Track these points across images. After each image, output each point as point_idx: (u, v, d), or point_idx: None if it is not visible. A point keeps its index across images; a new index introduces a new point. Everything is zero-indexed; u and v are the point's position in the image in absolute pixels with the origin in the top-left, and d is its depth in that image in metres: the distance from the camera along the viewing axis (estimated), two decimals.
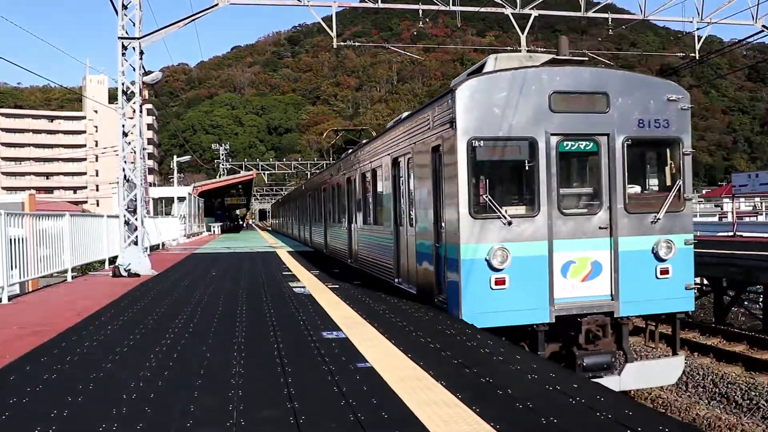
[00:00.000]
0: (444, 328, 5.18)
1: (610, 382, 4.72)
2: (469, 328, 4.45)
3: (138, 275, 10.31)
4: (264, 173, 52.86)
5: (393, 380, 3.66)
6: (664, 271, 4.87)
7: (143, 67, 11.12)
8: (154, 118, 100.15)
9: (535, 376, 3.72)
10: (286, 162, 57.14)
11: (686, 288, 4.99)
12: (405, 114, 6.95)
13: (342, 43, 13.55)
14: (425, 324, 5.48)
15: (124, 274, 10.31)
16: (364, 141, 10.05)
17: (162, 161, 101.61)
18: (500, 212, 4.53)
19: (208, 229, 34.59)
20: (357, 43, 14.68)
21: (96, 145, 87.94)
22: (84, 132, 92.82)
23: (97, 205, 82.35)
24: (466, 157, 4.49)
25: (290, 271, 10.64)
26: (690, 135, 5.05)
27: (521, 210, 4.69)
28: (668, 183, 4.98)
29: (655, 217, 4.87)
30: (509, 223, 4.60)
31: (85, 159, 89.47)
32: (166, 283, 9.20)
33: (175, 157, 38.60)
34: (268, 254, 15.70)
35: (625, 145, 4.73)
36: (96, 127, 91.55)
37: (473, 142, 4.51)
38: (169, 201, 28.94)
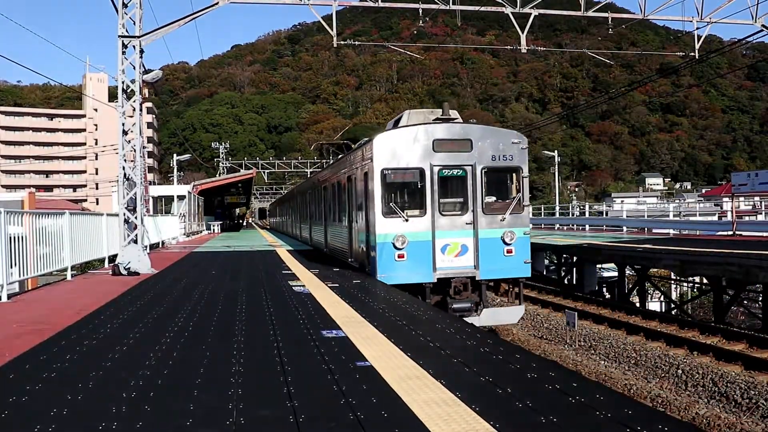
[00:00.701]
0: (444, 327, 5.28)
1: (472, 320, 8.22)
2: (462, 324, 5.50)
3: (137, 274, 10.27)
4: (264, 172, 52.78)
5: (393, 379, 3.69)
6: (509, 251, 8.78)
7: (143, 66, 11.08)
8: (154, 116, 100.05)
9: (534, 375, 3.76)
10: (285, 161, 57.04)
11: (525, 262, 8.84)
12: (354, 146, 11.11)
13: (342, 42, 13.53)
14: (425, 322, 5.52)
15: (124, 272, 10.28)
16: (338, 157, 13.79)
17: (162, 160, 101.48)
18: (401, 213, 8.50)
19: (208, 228, 34.58)
20: (357, 42, 14.64)
21: (96, 144, 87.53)
22: (84, 130, 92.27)
23: (97, 203, 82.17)
24: (380, 180, 8.50)
25: (290, 270, 10.63)
26: (527, 165, 8.85)
27: (416, 212, 8.57)
28: (513, 195, 8.97)
29: (503, 216, 8.78)
30: (407, 220, 8.55)
31: (84, 157, 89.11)
32: (165, 281, 9.17)
33: (174, 155, 38.67)
34: (267, 253, 15.69)
35: (483, 172, 8.71)
36: (96, 125, 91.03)
37: (384, 171, 8.50)
38: (169, 199, 28.93)
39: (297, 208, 22.67)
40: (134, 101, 10.98)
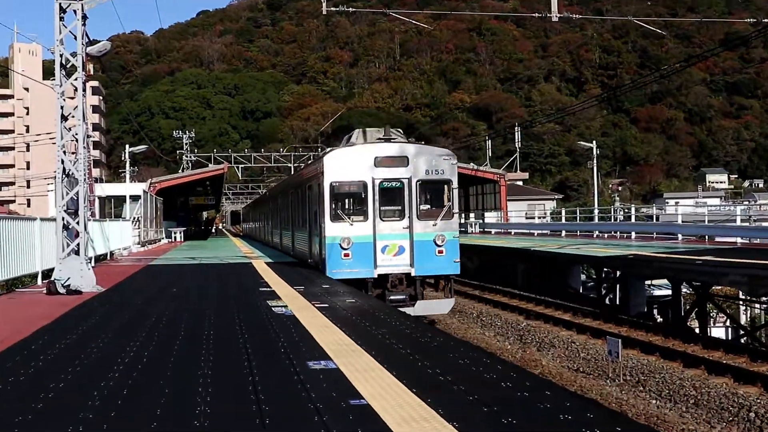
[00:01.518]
0: (458, 356, 5.29)
1: (408, 310, 11.40)
2: (469, 348, 5.93)
3: (79, 292, 10.21)
4: (237, 167, 52.76)
5: (394, 421, 3.67)
6: (440, 252, 12.67)
7: (87, 35, 10.89)
8: (101, 98, 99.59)
9: (568, 417, 3.72)
10: (264, 153, 57.06)
11: (454, 261, 12.72)
12: (312, 159, 19.97)
13: (333, 9, 13.60)
14: (433, 351, 5.56)
15: (62, 290, 10.21)
16: (306, 163, 20.08)
17: (111, 152, 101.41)
18: (347, 219, 12.23)
19: (168, 236, 34.63)
20: (351, 9, 14.66)
21: (27, 131, 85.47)
22: (12, 115, 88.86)
23: (28, 205, 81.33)
24: (329, 191, 12.26)
25: (269, 287, 10.68)
26: (456, 178, 12.79)
27: (360, 218, 12.35)
28: (445, 203, 12.87)
29: (435, 222, 12.68)
30: (352, 225, 12.23)
31: (13, 148, 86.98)
32: (114, 302, 9.20)
33: (127, 146, 38.54)
34: (241, 266, 15.77)
35: (418, 184, 12.57)
36: (27, 108, 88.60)
37: (333, 183, 12.33)
38: (120, 201, 28.96)
39: (274, 212, 25.58)
40: (76, 79, 10.76)
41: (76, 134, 10.89)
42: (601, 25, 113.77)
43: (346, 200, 14.03)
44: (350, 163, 13.59)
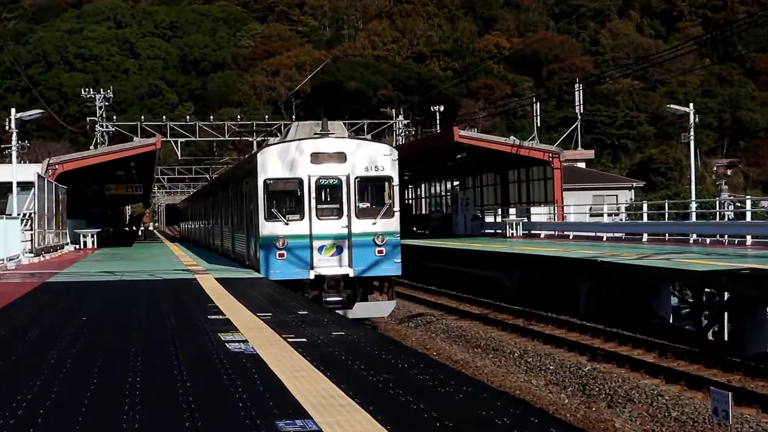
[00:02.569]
0: (493, 414, 5.34)
1: (344, 313, 16.36)
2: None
3: None
4: (176, 142, 52.73)
5: None
6: (380, 252, 17.88)
7: None
8: None
9: None
10: (215, 122, 56.86)
11: (395, 262, 18.23)
12: (246, 156, 27.22)
13: None
14: (454, 403, 5.58)
15: None
16: (240, 160, 25.85)
17: None
18: (282, 218, 17.60)
19: (76, 240, 34.67)
20: None
21: None
22: None
23: None
24: (263, 189, 17.76)
25: (222, 314, 10.76)
26: (397, 175, 18.23)
27: (296, 217, 17.65)
28: (385, 201, 18.10)
29: (374, 221, 17.86)
30: (287, 224, 17.55)
31: None
32: None
33: (13, 111, 38.06)
34: (182, 284, 15.94)
35: (356, 181, 17.78)
36: None
37: (267, 180, 17.84)
38: (3, 190, 28.97)
39: (216, 209, 29.36)
40: None
41: None
42: None
43: (282, 198, 18.43)
44: (285, 159, 17.94)
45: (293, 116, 61.83)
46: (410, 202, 58.99)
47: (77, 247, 34.13)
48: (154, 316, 10.90)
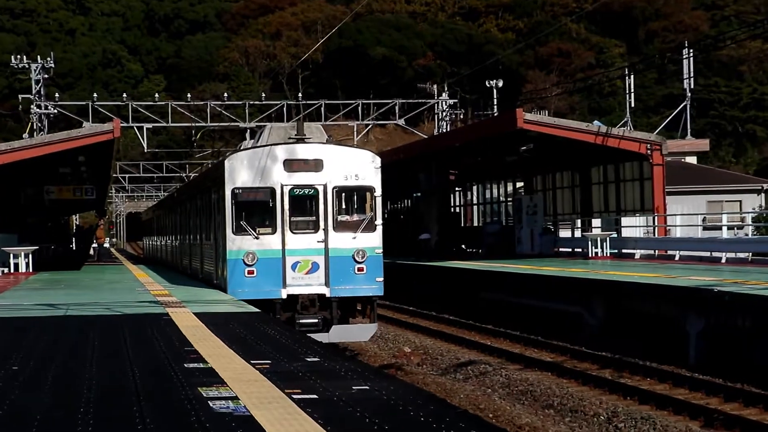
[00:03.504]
0: None
1: (320, 337, 18.50)
2: None
3: None
4: (142, 128, 53.14)
5: None
6: (360, 270, 21.72)
7: None
8: None
9: None
10: (194, 102, 57.28)
11: (376, 280, 21.96)
12: (211, 165, 38.71)
13: None
14: None
15: None
16: (205, 170, 38.08)
17: None
18: (251, 231, 21.67)
19: (4, 262, 35.02)
20: None
21: None
22: None
23: None
24: (231, 199, 21.86)
25: (203, 361, 10.90)
26: (380, 185, 22.14)
27: (267, 230, 21.76)
28: (367, 214, 22.27)
29: (354, 235, 21.83)
30: (257, 238, 21.63)
31: None
32: None
33: None
34: (150, 320, 16.07)
35: (334, 191, 21.78)
36: None
37: (235, 190, 21.90)
38: None
39: (185, 222, 33.81)
40: None
41: None
42: None
43: (252, 210, 22.02)
44: (256, 166, 21.54)
45: (299, 94, 62.04)
46: (457, 209, 59.00)
47: (5, 270, 34.42)
48: (112, 366, 10.99)
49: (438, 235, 48.33)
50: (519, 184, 50.78)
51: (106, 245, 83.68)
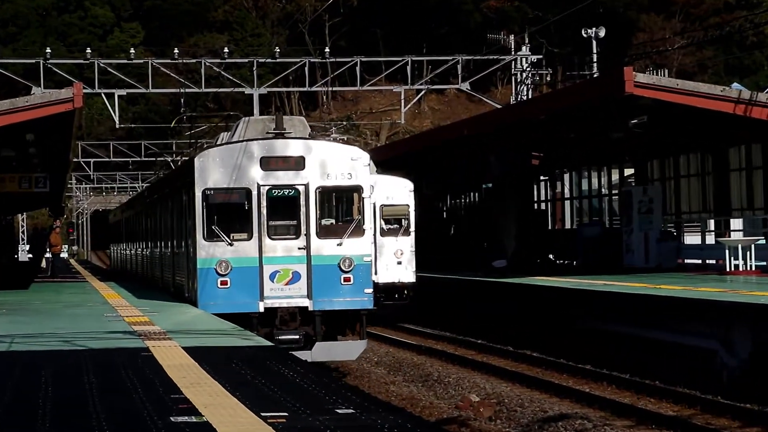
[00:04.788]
0: None
1: (302, 355, 22.35)
2: None
3: None
4: (113, 96, 53.46)
5: None
6: (347, 280, 25.96)
7: None
8: None
9: None
10: (185, 60, 57.36)
11: (365, 292, 26.37)
12: (179, 164, 52.43)
13: None
14: None
15: None
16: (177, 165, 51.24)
17: None
18: (224, 237, 25.75)
19: None
20: None
21: None
22: None
23: None
24: (201, 201, 25.84)
25: (195, 413, 10.93)
26: (369, 185, 27.21)
27: (243, 236, 25.84)
28: (354, 217, 26.65)
29: (340, 241, 26.01)
30: (231, 244, 25.78)
31: None
32: None
33: None
34: (123, 357, 16.17)
35: (318, 192, 25.93)
36: None
37: (206, 191, 25.81)
38: None
39: (161, 224, 37.43)
40: None
41: None
42: None
43: (225, 213, 25.33)
44: (230, 164, 24.94)
45: (326, 48, 61.98)
46: (542, 206, 58.76)
47: None
48: (71, 424, 10.99)
49: (516, 241, 48.17)
50: (628, 172, 50.52)
51: (64, 255, 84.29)
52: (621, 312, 29.87)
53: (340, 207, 26.67)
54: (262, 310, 24.54)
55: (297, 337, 24.58)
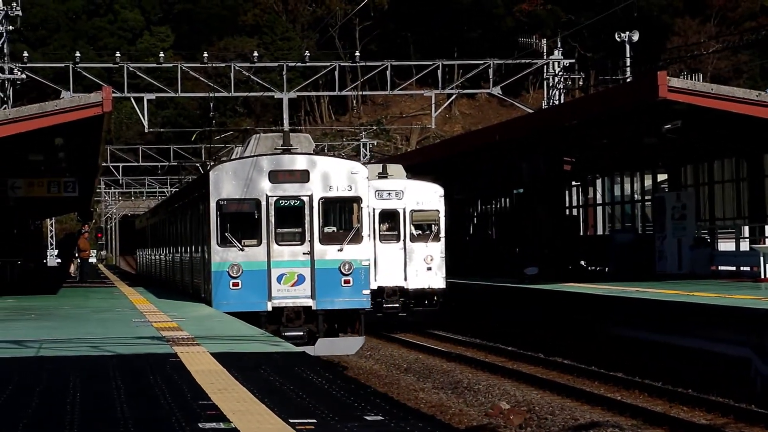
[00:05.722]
0: None
1: (307, 350, 25.02)
2: None
3: None
4: (142, 100, 53.56)
5: None
6: (347, 282, 30.32)
7: None
8: None
9: None
10: (215, 64, 57.48)
11: (363, 293, 30.76)
12: (197, 177, 56.94)
13: None
14: None
15: None
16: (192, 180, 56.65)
17: None
18: (236, 243, 30.13)
19: None
20: None
21: None
22: None
23: None
24: (216, 211, 30.47)
25: (224, 420, 10.96)
26: (367, 196, 31.44)
27: (253, 242, 30.25)
28: (354, 225, 31.26)
29: (341, 247, 30.33)
30: (242, 250, 30.15)
31: None
32: None
33: None
34: (151, 363, 16.17)
35: (321, 202, 30.38)
36: None
37: (220, 201, 30.44)
38: None
39: (181, 231, 42.18)
40: None
41: None
42: None
43: (237, 221, 29.42)
44: (241, 177, 28.78)
45: (357, 52, 61.92)
46: (574, 211, 58.62)
47: None
48: (99, 422, 11.04)
49: (548, 247, 48.08)
50: (661, 177, 50.35)
51: (92, 260, 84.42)
52: (653, 319, 29.79)
53: (342, 216, 31.09)
54: (270, 309, 28.53)
55: (301, 333, 28.39)
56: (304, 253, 28.73)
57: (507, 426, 23.54)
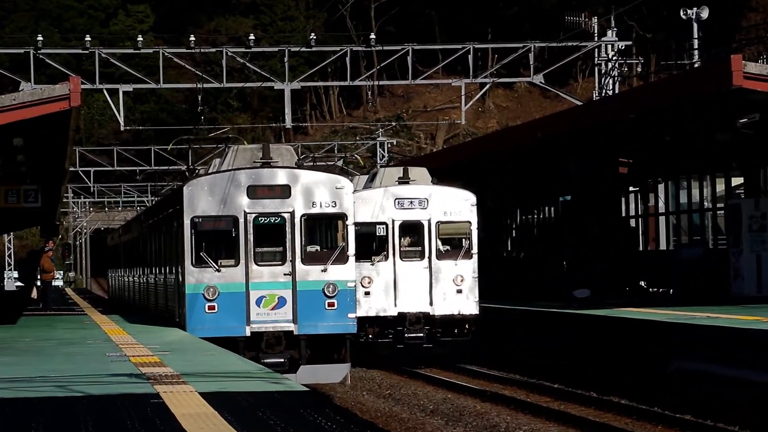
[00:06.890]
0: None
1: (289, 377, 27.79)
2: None
3: None
4: (117, 92, 53.78)
5: None
6: (331, 305, 33.96)
7: None
8: None
9: None
10: (203, 49, 57.65)
11: (348, 317, 34.24)
12: (170, 192, 61.44)
13: None
14: None
15: None
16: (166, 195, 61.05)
17: None
18: (212, 264, 33.73)
19: None
20: None
21: None
22: None
23: None
24: (190, 229, 34.13)
25: None
26: (353, 213, 35.30)
27: (230, 262, 34.02)
28: (339, 244, 35.03)
29: (325, 267, 33.98)
30: (219, 270, 33.82)
31: None
32: None
33: None
34: (128, 406, 16.21)
35: (303, 219, 34.02)
36: None
37: (194, 219, 34.05)
38: None
39: (154, 250, 45.55)
40: None
41: None
42: None
43: (213, 240, 31.80)
44: (218, 193, 30.96)
45: (372, 34, 61.95)
46: (632, 222, 58.58)
47: None
48: None
49: (601, 265, 48.07)
50: (736, 181, 50.31)
51: (58, 283, 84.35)
52: (728, 351, 29.72)
53: (327, 234, 33.60)
54: (248, 334, 30.78)
55: (282, 360, 30.53)
56: (285, 274, 30.94)
57: None
